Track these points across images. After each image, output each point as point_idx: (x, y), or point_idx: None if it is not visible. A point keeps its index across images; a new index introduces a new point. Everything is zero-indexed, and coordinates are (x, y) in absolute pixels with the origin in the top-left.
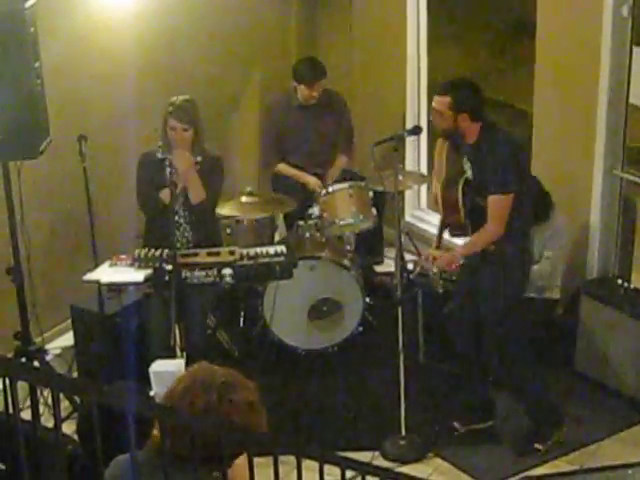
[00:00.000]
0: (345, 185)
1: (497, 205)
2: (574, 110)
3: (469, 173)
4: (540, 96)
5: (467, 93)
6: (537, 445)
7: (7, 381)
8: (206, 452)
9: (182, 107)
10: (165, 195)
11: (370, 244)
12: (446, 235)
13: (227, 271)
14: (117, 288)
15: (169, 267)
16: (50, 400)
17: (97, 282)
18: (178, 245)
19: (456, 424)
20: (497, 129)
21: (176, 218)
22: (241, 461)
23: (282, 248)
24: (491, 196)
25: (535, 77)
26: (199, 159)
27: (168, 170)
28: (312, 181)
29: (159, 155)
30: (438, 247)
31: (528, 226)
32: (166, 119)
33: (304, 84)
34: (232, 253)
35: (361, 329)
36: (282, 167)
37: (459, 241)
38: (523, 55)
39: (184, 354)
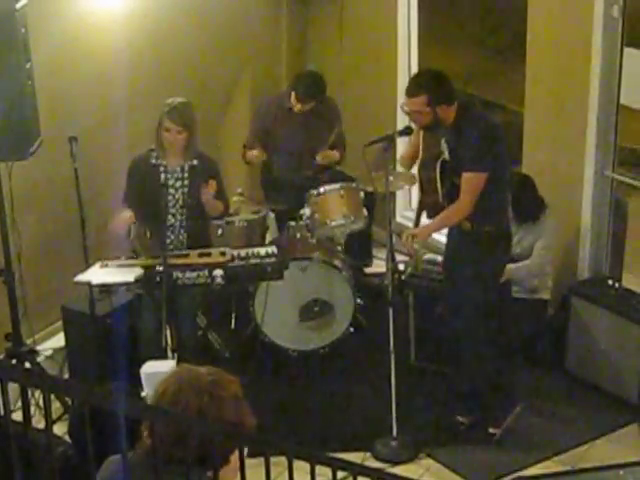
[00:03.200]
0: (336, 186)
1: (470, 182)
2: (565, 111)
3: (446, 154)
4: (531, 97)
5: (438, 84)
6: (491, 429)
7: None
8: (200, 453)
9: (178, 109)
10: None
11: (359, 246)
12: (424, 218)
13: (218, 272)
14: (108, 289)
15: (160, 268)
16: (41, 401)
17: (88, 283)
18: (172, 247)
19: (460, 418)
20: (473, 109)
21: (172, 221)
22: (229, 467)
23: (273, 249)
24: (465, 173)
25: (526, 78)
26: (195, 162)
27: (162, 176)
28: (254, 153)
29: (152, 161)
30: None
31: (505, 208)
32: (161, 120)
33: (295, 95)
34: (223, 254)
35: (352, 330)
36: (249, 154)
37: None
38: (514, 56)
39: (175, 355)
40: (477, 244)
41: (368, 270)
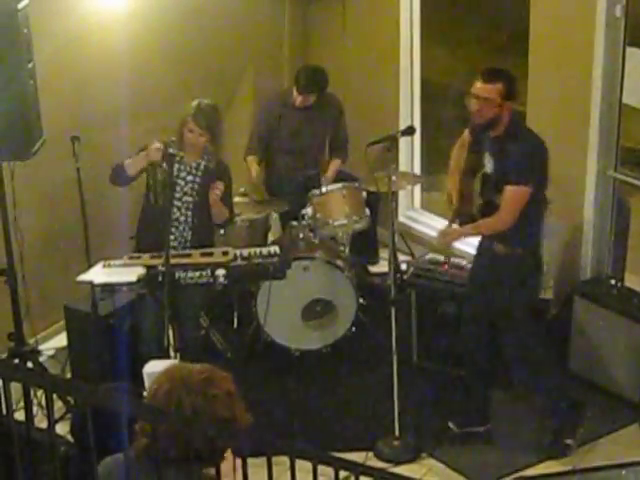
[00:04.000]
0: (339, 186)
1: (512, 196)
2: (567, 110)
3: (488, 167)
4: (533, 96)
5: (513, 81)
6: (568, 441)
7: (0, 382)
8: (196, 450)
9: (204, 111)
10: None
11: (365, 244)
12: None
13: (221, 272)
14: (110, 289)
15: (162, 268)
16: (44, 401)
17: (90, 283)
18: (175, 244)
19: (451, 425)
20: (524, 125)
21: (177, 214)
22: (225, 463)
23: (275, 249)
24: (509, 186)
25: (528, 77)
26: (211, 165)
27: (176, 167)
28: (253, 169)
29: (170, 150)
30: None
31: (540, 233)
32: (186, 119)
33: (297, 88)
34: (226, 254)
35: (354, 330)
36: (249, 159)
37: None
38: (516, 55)
39: (177, 355)
40: (509, 269)
41: (372, 268)
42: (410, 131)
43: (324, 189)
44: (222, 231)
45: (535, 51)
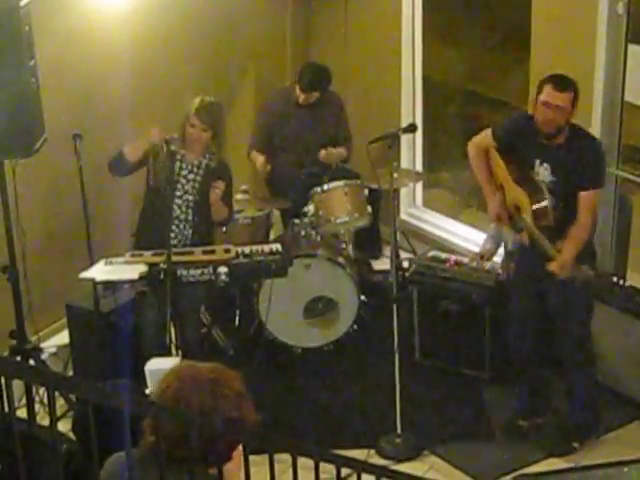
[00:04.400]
0: (340, 183)
1: (591, 200)
2: None
3: (546, 175)
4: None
5: (578, 89)
6: (575, 444)
7: (2, 380)
8: (202, 450)
9: (207, 107)
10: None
11: (367, 240)
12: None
13: (222, 269)
14: (112, 286)
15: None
16: (45, 398)
17: (92, 280)
18: (175, 242)
19: (521, 422)
20: (582, 127)
21: (177, 212)
22: (232, 463)
23: (277, 246)
24: (585, 192)
25: (530, 75)
26: (213, 163)
27: (177, 164)
28: (259, 161)
29: (172, 147)
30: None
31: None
32: (188, 115)
33: (300, 86)
34: (227, 251)
35: (356, 327)
36: (253, 154)
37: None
38: (519, 53)
39: (179, 352)
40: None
41: (375, 266)
42: (412, 128)
43: (326, 187)
44: (224, 229)
45: (536, 49)
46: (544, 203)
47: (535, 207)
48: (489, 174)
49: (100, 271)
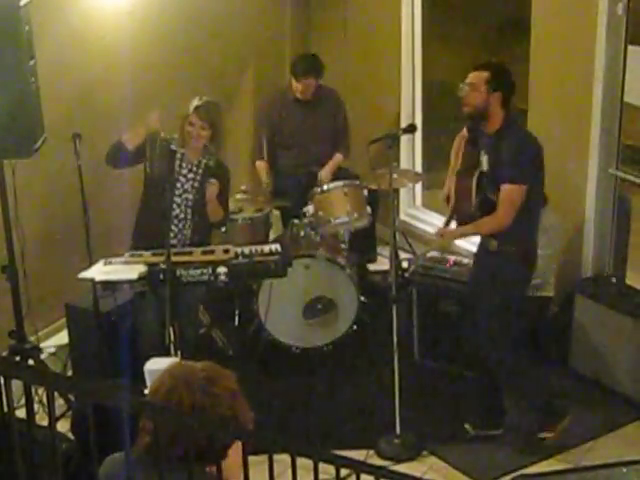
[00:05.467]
0: (340, 183)
1: (510, 194)
2: (569, 108)
3: (484, 166)
4: (535, 94)
5: (504, 74)
6: (544, 434)
7: (1, 379)
8: (197, 449)
9: (206, 106)
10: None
11: (363, 242)
12: (453, 225)
13: (222, 269)
14: (112, 286)
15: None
16: (45, 398)
17: (92, 280)
18: (175, 241)
19: (467, 426)
20: (518, 124)
21: (177, 211)
22: (232, 459)
23: (277, 246)
24: (505, 185)
25: (530, 75)
26: (212, 163)
27: (177, 164)
28: (262, 178)
29: (172, 147)
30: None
31: (534, 233)
32: (187, 115)
33: (293, 76)
34: (227, 251)
35: (355, 327)
36: (258, 164)
37: None
38: (518, 53)
39: (178, 352)
40: (502, 264)
41: (372, 266)
42: (411, 129)
43: (325, 187)
44: (223, 229)
45: (537, 49)
46: (467, 187)
47: (460, 194)
48: (456, 162)
49: (99, 271)
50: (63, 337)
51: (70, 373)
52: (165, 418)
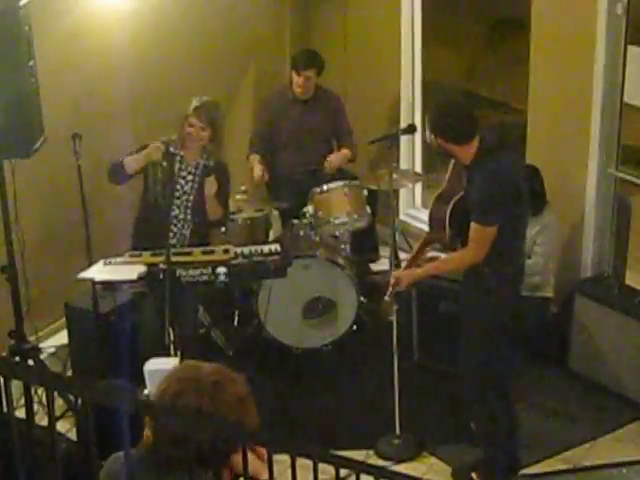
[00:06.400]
0: (340, 184)
1: (476, 233)
2: (569, 109)
3: (462, 193)
4: (535, 94)
5: (436, 116)
6: (474, 475)
7: (1, 380)
8: (200, 452)
9: (205, 106)
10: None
11: (364, 242)
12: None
13: (221, 270)
14: (111, 287)
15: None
16: (44, 399)
17: (91, 280)
18: (174, 241)
19: (473, 425)
20: (490, 157)
21: (177, 212)
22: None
23: (276, 247)
24: (474, 224)
25: (530, 75)
26: (211, 163)
27: (177, 166)
28: (255, 170)
29: (171, 149)
30: (410, 266)
31: (520, 250)
32: (187, 115)
33: (294, 70)
34: (226, 252)
35: (355, 328)
36: (251, 158)
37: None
38: (518, 53)
39: (178, 352)
40: (475, 286)
41: (373, 266)
42: (411, 129)
43: (325, 187)
44: (223, 229)
45: (536, 50)
46: (441, 215)
47: (434, 222)
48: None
49: (99, 271)
50: (63, 337)
51: (70, 373)
52: (170, 421)
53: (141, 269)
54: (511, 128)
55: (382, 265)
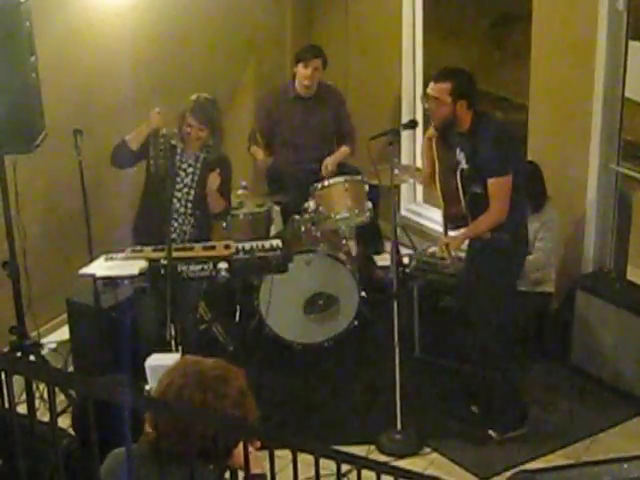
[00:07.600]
0: (341, 179)
1: (498, 187)
2: (570, 104)
3: (463, 163)
4: (536, 90)
5: (466, 80)
6: (491, 432)
7: (3, 375)
8: (202, 447)
9: (202, 106)
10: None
11: (369, 235)
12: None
13: (223, 265)
14: (112, 282)
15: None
16: (46, 394)
17: (92, 276)
18: (175, 236)
19: (491, 432)
20: (488, 116)
21: (177, 206)
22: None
23: (278, 242)
24: (491, 179)
25: (531, 71)
26: (212, 157)
27: (177, 158)
28: (259, 156)
29: (173, 142)
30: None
31: (524, 215)
32: (185, 115)
33: (301, 62)
34: (228, 247)
35: (357, 323)
36: (253, 149)
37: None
38: (519, 48)
39: (179, 348)
40: (496, 253)
41: (378, 260)
42: (412, 125)
43: (326, 182)
44: (224, 224)
45: (537, 45)
46: (453, 189)
47: (447, 196)
48: (430, 163)
49: (100, 267)
50: (64, 333)
51: (71, 369)
52: (173, 416)
53: (142, 264)
54: (513, 124)
55: (382, 260)
